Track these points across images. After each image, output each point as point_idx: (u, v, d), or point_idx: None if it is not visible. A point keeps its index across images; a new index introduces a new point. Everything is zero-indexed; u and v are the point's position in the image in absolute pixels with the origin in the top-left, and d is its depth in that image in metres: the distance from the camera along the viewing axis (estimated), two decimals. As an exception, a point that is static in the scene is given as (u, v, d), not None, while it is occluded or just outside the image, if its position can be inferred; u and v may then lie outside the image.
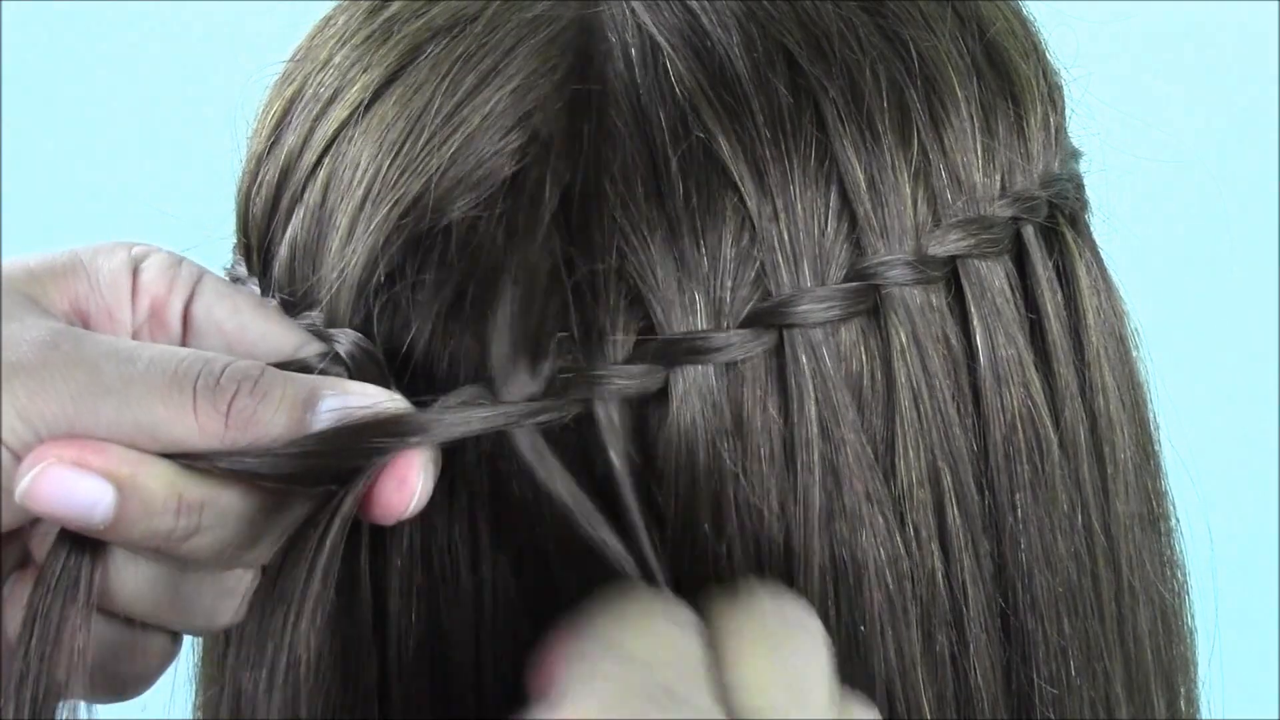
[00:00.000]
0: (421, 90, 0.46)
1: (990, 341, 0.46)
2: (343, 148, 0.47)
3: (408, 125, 0.46)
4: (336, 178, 0.47)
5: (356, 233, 0.46)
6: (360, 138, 0.47)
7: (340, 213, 0.46)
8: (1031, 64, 0.50)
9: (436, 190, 0.45)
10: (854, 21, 0.47)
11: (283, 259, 0.48)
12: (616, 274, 0.44)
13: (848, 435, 0.44)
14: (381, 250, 0.45)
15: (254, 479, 0.43)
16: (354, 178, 0.46)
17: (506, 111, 0.45)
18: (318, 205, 0.47)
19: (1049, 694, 0.47)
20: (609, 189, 0.44)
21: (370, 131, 0.46)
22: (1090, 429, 0.49)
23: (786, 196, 0.45)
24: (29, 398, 0.42)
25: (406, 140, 0.45)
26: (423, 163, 0.45)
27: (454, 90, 0.46)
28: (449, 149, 0.45)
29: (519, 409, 0.43)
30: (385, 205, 0.45)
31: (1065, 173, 0.50)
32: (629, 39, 0.46)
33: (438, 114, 0.45)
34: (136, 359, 0.43)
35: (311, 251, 0.47)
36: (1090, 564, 0.48)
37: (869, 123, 0.45)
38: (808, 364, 0.44)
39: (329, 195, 0.47)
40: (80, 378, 0.42)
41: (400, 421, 0.43)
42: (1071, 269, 0.49)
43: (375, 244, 0.45)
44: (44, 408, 0.42)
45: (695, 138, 0.44)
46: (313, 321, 0.47)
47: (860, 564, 0.44)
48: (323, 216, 0.47)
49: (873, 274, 0.45)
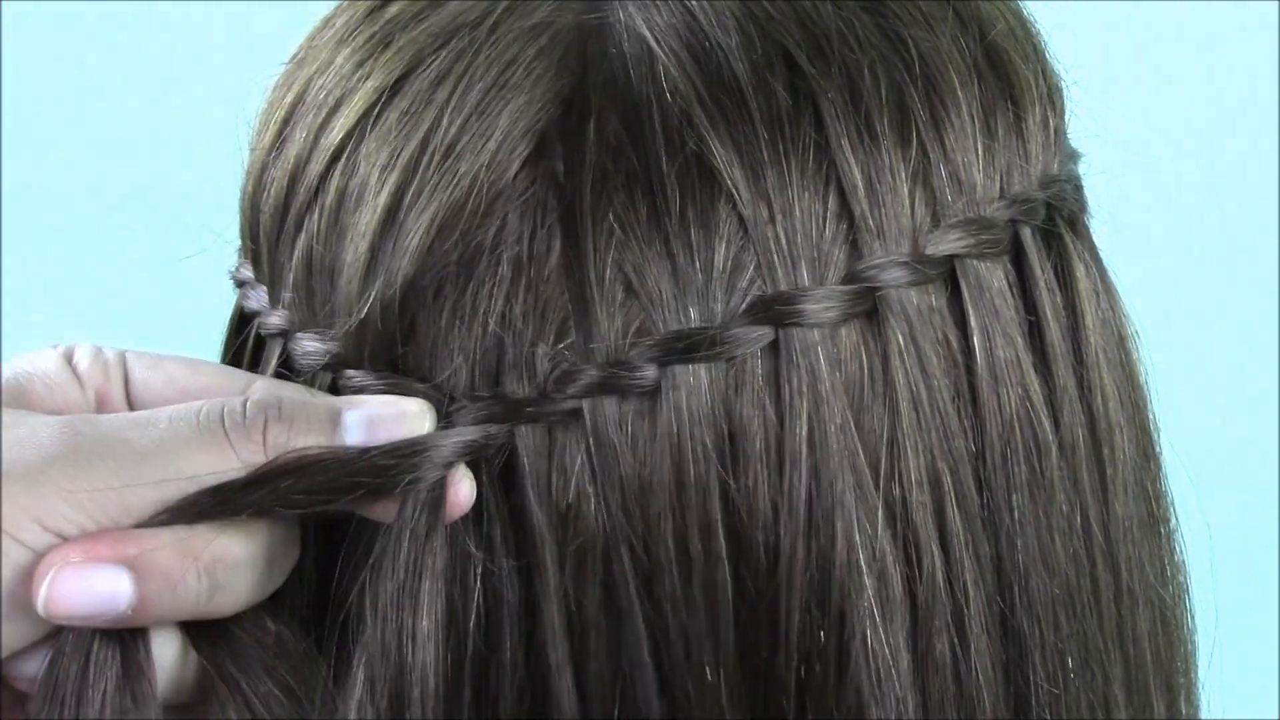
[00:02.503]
0: (429, 106, 0.46)
1: (988, 342, 0.47)
2: (352, 161, 0.47)
3: (418, 145, 0.46)
4: (349, 195, 0.47)
5: (379, 262, 0.46)
6: (370, 153, 0.47)
7: (358, 235, 0.46)
8: (1032, 65, 0.50)
9: (452, 216, 0.45)
10: (854, 21, 0.47)
11: (297, 273, 0.48)
12: (613, 276, 0.44)
13: (841, 437, 0.45)
14: (403, 283, 0.46)
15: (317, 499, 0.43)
16: (367, 198, 0.46)
17: (513, 126, 0.45)
18: (331, 224, 0.47)
19: (1047, 694, 0.47)
20: (607, 193, 0.45)
21: (379, 147, 0.47)
22: (1089, 430, 0.49)
23: (784, 198, 0.45)
24: (71, 483, 0.42)
25: (419, 163, 0.46)
26: (436, 188, 0.45)
27: (460, 108, 0.46)
28: (461, 175, 0.45)
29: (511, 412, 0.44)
30: (408, 235, 0.45)
31: (1064, 174, 0.50)
32: (626, 46, 0.46)
33: (446, 134, 0.46)
34: (155, 420, 0.43)
35: (327, 270, 0.47)
36: (1089, 565, 0.48)
37: (868, 123, 0.45)
38: (803, 364, 0.44)
39: (342, 213, 0.47)
40: (115, 452, 0.42)
41: (429, 444, 0.44)
42: (1070, 270, 0.49)
43: (396, 278, 0.46)
44: (90, 493, 0.42)
45: (691, 143, 0.45)
46: (331, 346, 0.47)
47: (848, 566, 0.44)
48: (338, 235, 0.47)
49: (869, 276, 0.45)
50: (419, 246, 0.45)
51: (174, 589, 0.43)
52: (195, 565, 0.43)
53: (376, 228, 0.46)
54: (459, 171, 0.45)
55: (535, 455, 0.45)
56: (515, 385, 0.45)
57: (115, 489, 0.42)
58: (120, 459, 0.42)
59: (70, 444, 0.42)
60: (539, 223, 0.45)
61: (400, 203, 0.46)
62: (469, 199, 0.45)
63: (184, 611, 0.43)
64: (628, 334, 0.44)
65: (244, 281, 0.52)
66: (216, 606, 0.44)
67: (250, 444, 0.44)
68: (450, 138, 0.46)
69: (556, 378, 0.45)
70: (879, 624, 0.44)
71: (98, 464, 0.42)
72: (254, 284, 0.51)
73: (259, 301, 0.50)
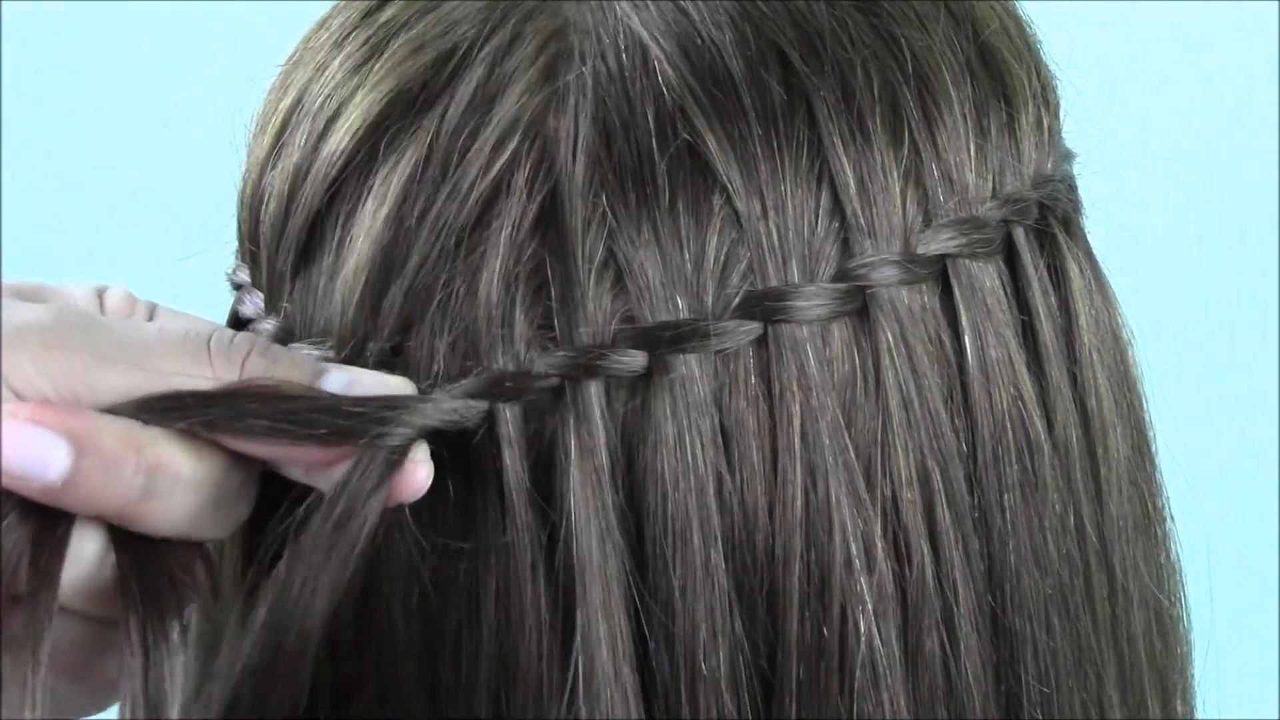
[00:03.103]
0: (426, 113, 0.46)
1: (980, 342, 0.47)
2: (350, 172, 0.47)
3: (417, 153, 0.46)
4: (346, 206, 0.47)
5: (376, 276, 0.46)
6: (367, 163, 0.47)
7: (356, 246, 0.47)
8: (1025, 64, 0.50)
9: (451, 224, 0.45)
10: (847, 20, 0.47)
11: (294, 282, 0.49)
12: (603, 267, 0.45)
13: (830, 435, 0.45)
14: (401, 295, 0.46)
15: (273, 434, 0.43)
16: (367, 209, 0.47)
17: (509, 126, 0.46)
18: (329, 235, 0.48)
19: (1039, 694, 0.47)
20: (597, 189, 0.45)
21: (377, 156, 0.47)
22: (1083, 430, 0.49)
23: (776, 194, 0.45)
24: (45, 351, 0.42)
25: (418, 173, 0.46)
26: (435, 197, 0.46)
27: (457, 113, 0.46)
28: (460, 182, 0.45)
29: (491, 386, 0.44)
30: (406, 248, 0.46)
31: (1058, 174, 0.50)
32: (620, 41, 0.46)
33: (443, 140, 0.46)
34: (145, 327, 0.44)
35: (325, 281, 0.48)
36: (1082, 565, 0.48)
37: (860, 122, 0.46)
38: (793, 361, 0.45)
39: (340, 225, 0.47)
40: (95, 335, 0.43)
41: (408, 405, 0.44)
42: (1064, 270, 0.49)
43: (394, 291, 0.46)
44: (60, 363, 0.42)
45: (684, 135, 0.45)
46: (326, 354, 0.47)
47: (840, 563, 0.45)
48: (336, 246, 0.47)
49: (860, 274, 0.45)
50: (417, 259, 0.46)
51: (106, 472, 0.42)
52: (136, 458, 0.42)
53: (375, 239, 0.46)
54: (458, 179, 0.45)
55: (515, 433, 0.45)
56: (498, 364, 0.45)
57: (84, 365, 0.42)
58: (98, 340, 0.43)
59: (56, 317, 0.43)
60: (531, 218, 0.45)
61: (399, 214, 0.46)
62: (468, 206, 0.45)
63: (111, 502, 0.43)
64: (615, 320, 0.45)
65: (240, 285, 0.52)
66: (146, 513, 0.43)
67: (229, 364, 0.44)
68: (447, 145, 0.46)
69: (540, 360, 0.45)
70: (872, 620, 0.45)
71: (76, 338, 0.43)
72: (250, 289, 0.51)
73: (254, 307, 0.51)
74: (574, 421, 0.44)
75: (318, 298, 0.48)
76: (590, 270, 0.44)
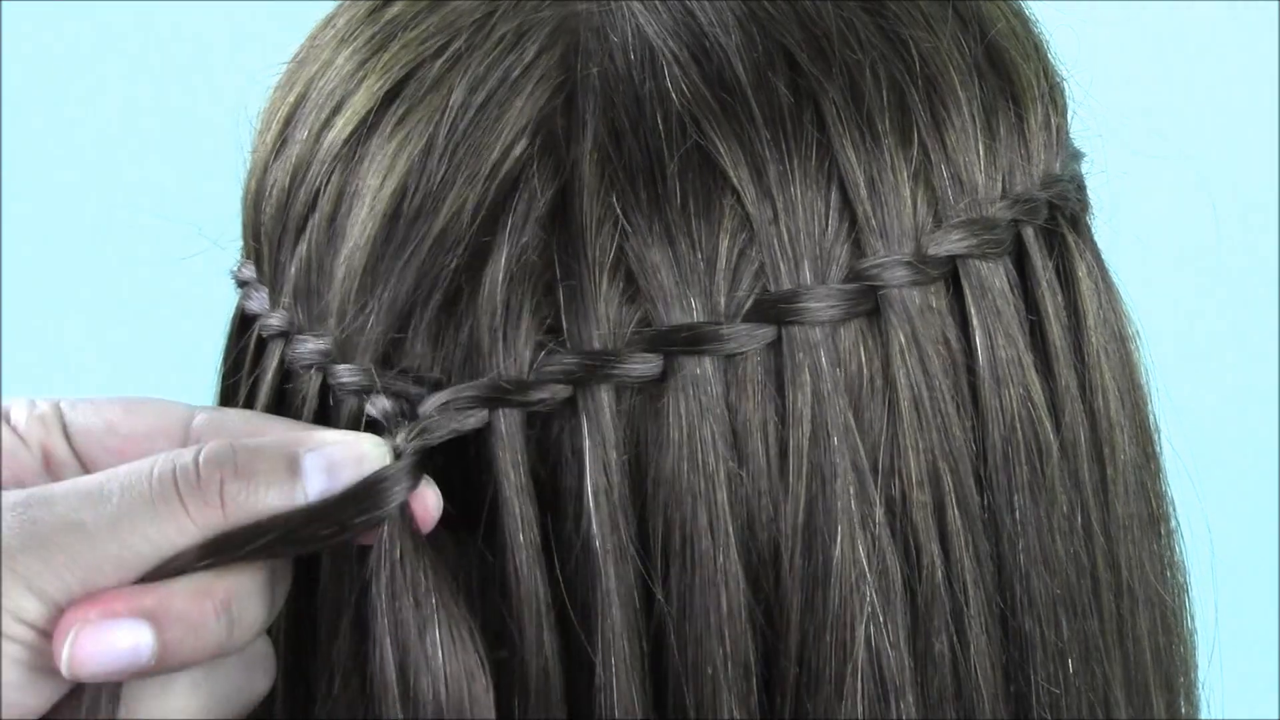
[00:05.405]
0: (430, 108, 0.46)
1: (990, 342, 0.47)
2: (352, 164, 0.47)
3: (419, 148, 0.46)
4: (349, 198, 0.47)
5: (377, 268, 0.46)
6: (370, 156, 0.47)
7: (357, 239, 0.46)
8: (1033, 64, 0.50)
9: (453, 222, 0.45)
10: (855, 22, 0.47)
11: (297, 275, 0.48)
12: (613, 268, 0.44)
13: (842, 436, 0.45)
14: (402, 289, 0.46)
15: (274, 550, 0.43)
16: (367, 202, 0.46)
17: (514, 126, 0.45)
18: (330, 226, 0.47)
19: (1048, 694, 0.47)
20: (607, 189, 0.45)
21: (379, 150, 0.47)
22: (1090, 430, 0.49)
23: (787, 196, 0.45)
24: (32, 576, 0.41)
25: (421, 166, 0.46)
26: (437, 193, 0.45)
27: (461, 110, 0.46)
28: (463, 180, 0.45)
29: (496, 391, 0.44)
30: (408, 243, 0.45)
31: (1066, 174, 0.50)
32: (629, 43, 0.46)
33: (447, 136, 0.46)
34: (108, 493, 0.43)
35: (326, 273, 0.47)
36: (1089, 565, 0.48)
37: (869, 123, 0.46)
38: (805, 363, 0.44)
39: (342, 216, 0.47)
40: (70, 539, 0.42)
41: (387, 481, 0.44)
42: (1072, 270, 0.49)
43: (394, 285, 0.46)
44: (49, 582, 0.42)
45: (693, 137, 0.45)
46: (323, 344, 0.47)
47: (849, 564, 0.44)
48: (337, 238, 0.47)
49: (872, 275, 0.45)
50: (418, 253, 0.45)
51: (196, 632, 0.42)
52: (212, 603, 0.43)
53: (375, 233, 0.46)
54: (460, 176, 0.45)
55: (514, 439, 0.45)
56: (500, 364, 0.45)
57: (78, 579, 0.42)
58: (76, 547, 0.42)
59: (28, 533, 0.42)
60: (540, 217, 0.45)
61: (400, 208, 0.46)
62: (470, 204, 0.45)
63: (208, 652, 0.43)
64: (629, 323, 0.44)
65: (245, 282, 0.52)
66: (236, 640, 0.44)
67: (208, 509, 0.43)
68: (451, 140, 0.46)
69: (549, 364, 0.44)
70: (881, 621, 0.45)
71: (55, 555, 0.42)
72: (256, 285, 0.51)
73: (260, 303, 0.50)
74: (585, 424, 0.44)
75: (317, 289, 0.48)
76: (601, 271, 0.44)
